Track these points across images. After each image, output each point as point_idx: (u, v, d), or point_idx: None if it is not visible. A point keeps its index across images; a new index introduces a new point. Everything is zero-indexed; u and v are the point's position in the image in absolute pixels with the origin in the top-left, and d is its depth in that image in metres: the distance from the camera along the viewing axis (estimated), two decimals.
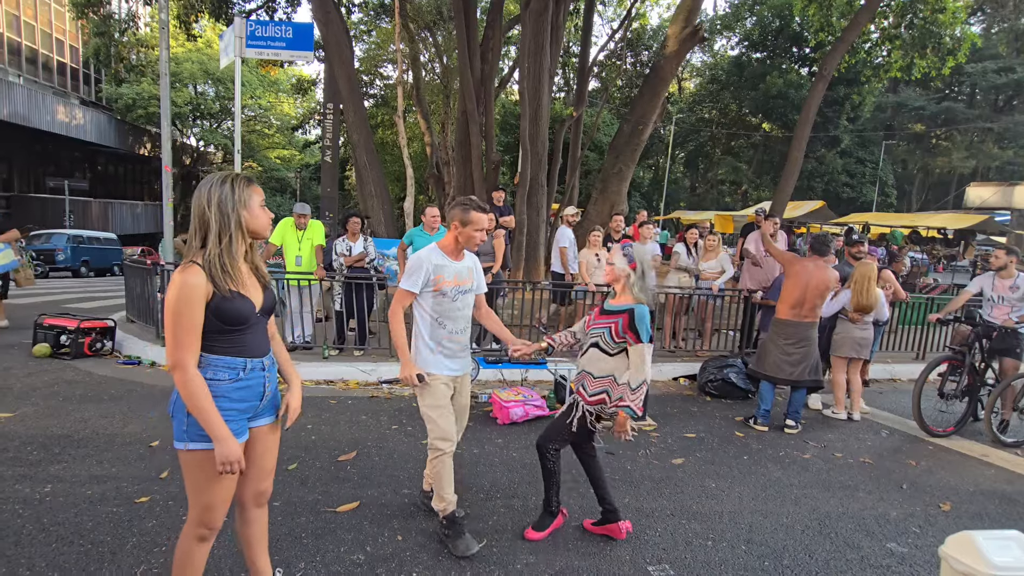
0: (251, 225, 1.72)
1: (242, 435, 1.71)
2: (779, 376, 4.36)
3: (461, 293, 2.54)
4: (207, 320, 1.63)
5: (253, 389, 1.74)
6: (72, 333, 5.51)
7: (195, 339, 1.61)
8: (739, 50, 30.20)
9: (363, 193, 9.54)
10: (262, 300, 1.75)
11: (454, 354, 2.57)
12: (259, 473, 1.86)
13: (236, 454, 1.62)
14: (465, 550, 2.41)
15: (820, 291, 4.29)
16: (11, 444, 3.37)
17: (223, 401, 1.66)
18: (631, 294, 2.52)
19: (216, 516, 1.72)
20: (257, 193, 1.74)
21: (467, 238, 2.51)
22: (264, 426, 1.82)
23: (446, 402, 2.53)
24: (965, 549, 1.69)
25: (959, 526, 2.97)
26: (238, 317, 1.66)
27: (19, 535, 2.43)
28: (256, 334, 1.74)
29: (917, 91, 30.10)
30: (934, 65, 11.81)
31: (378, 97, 23.08)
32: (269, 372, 1.80)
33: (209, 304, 1.61)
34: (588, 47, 12.19)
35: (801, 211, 16.59)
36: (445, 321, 2.52)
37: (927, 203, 31.17)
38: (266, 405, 1.81)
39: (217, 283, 1.61)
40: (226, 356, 1.68)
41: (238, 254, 1.69)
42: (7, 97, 19.72)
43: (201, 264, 1.61)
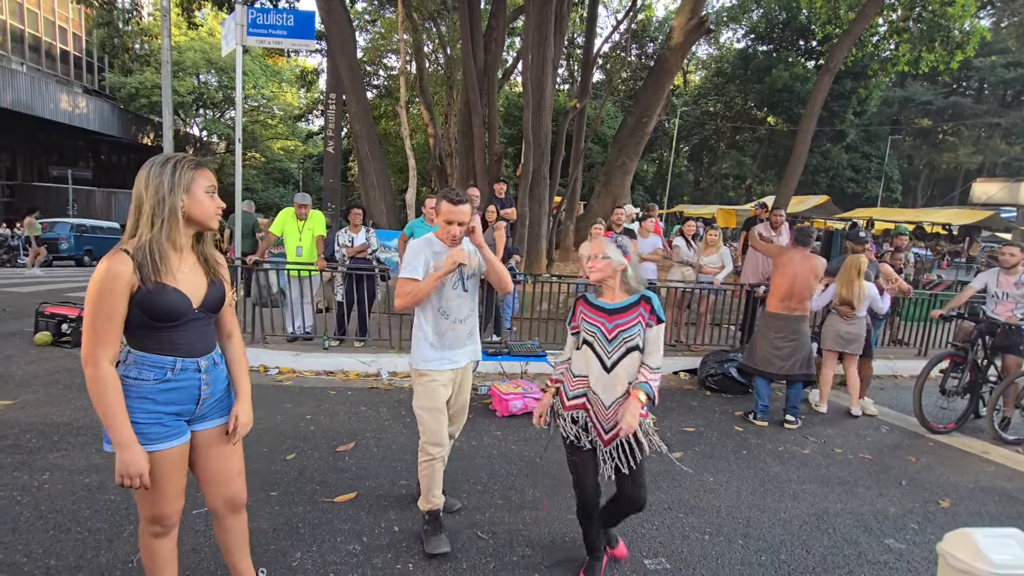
0: (192, 212, 1.56)
1: (176, 437, 1.59)
2: (769, 370, 4.34)
3: (464, 279, 2.45)
4: (132, 313, 1.49)
5: (185, 391, 1.59)
6: (73, 322, 5.53)
7: (111, 333, 1.47)
8: (745, 43, 29.93)
9: (365, 184, 9.51)
10: (203, 296, 1.59)
11: (458, 344, 2.47)
12: (219, 478, 1.72)
13: (137, 466, 1.47)
14: (434, 548, 2.35)
15: (808, 282, 4.27)
16: (10, 432, 3.38)
17: (146, 403, 1.53)
18: (628, 287, 2.18)
19: (163, 514, 1.62)
20: (204, 178, 1.58)
21: (440, 230, 2.37)
22: (214, 428, 1.69)
23: (441, 404, 2.44)
24: (964, 546, 1.67)
25: (958, 523, 2.96)
26: (166, 312, 1.51)
27: (17, 522, 2.44)
28: (191, 331, 1.58)
29: (924, 85, 29.82)
30: (942, 59, 11.67)
31: (381, 88, 22.97)
32: (208, 373, 1.64)
33: (134, 296, 1.47)
34: (592, 38, 12.08)
35: (805, 206, 16.49)
36: (448, 310, 2.42)
37: (932, 199, 30.97)
38: (211, 407, 1.67)
39: (143, 273, 1.47)
40: (152, 354, 1.54)
41: (175, 243, 1.55)
42: (10, 85, 19.71)
43: (130, 252, 1.48)
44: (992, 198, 15.96)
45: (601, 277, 2.18)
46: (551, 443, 2.41)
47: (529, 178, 8.56)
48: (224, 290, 1.67)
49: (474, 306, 2.53)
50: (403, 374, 5.25)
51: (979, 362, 4.51)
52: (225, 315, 1.74)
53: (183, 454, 1.63)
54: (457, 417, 2.61)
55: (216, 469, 1.72)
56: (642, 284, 2.24)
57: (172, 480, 1.60)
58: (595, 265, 2.17)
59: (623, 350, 2.12)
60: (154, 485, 1.56)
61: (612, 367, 2.13)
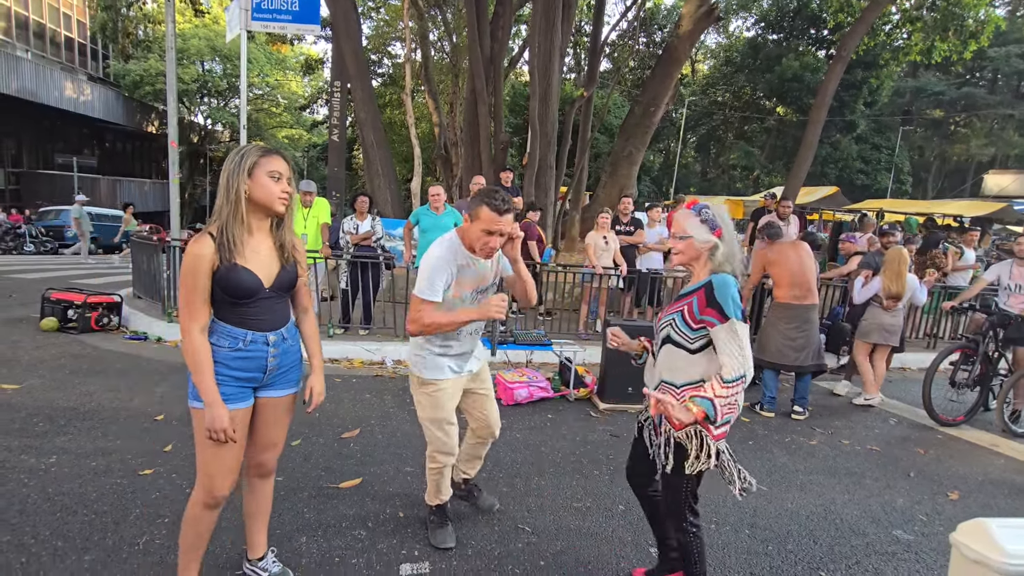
0: (254, 195, 1.66)
1: (241, 401, 1.74)
2: (783, 363, 4.27)
3: (481, 292, 2.19)
4: (213, 289, 1.65)
5: (254, 360, 1.74)
6: (79, 308, 5.54)
7: (199, 306, 1.63)
8: (755, 31, 29.53)
9: (370, 173, 9.47)
10: (275, 277, 1.72)
11: (466, 354, 2.27)
12: (261, 442, 1.87)
13: (221, 421, 1.63)
14: (441, 542, 2.32)
15: (810, 267, 4.25)
16: (18, 416, 3.39)
17: (221, 367, 1.69)
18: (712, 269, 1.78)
19: (218, 484, 1.74)
20: (269, 162, 1.67)
21: (473, 238, 2.03)
22: (272, 398, 1.83)
23: (450, 414, 2.25)
24: (978, 536, 1.64)
25: (967, 515, 2.92)
26: (238, 289, 1.65)
27: (24, 504, 2.45)
28: (262, 308, 1.72)
29: (937, 76, 29.35)
30: (956, 48, 11.47)
31: (386, 76, 22.84)
32: (276, 347, 1.77)
33: (214, 274, 1.63)
34: (600, 26, 11.92)
35: (814, 197, 16.31)
36: None
37: (943, 191, 30.59)
38: (275, 378, 1.81)
39: (221, 253, 1.62)
40: (228, 325, 1.70)
41: (247, 226, 1.68)
42: (15, 72, 19.69)
43: (213, 234, 1.64)
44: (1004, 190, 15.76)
45: (684, 261, 1.83)
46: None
47: (535, 167, 8.50)
48: (296, 273, 1.80)
49: None
50: (407, 362, 5.24)
51: (990, 354, 4.46)
52: (300, 293, 1.89)
53: (245, 417, 1.77)
54: (490, 416, 2.40)
55: (263, 435, 1.86)
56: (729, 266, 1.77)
57: (231, 445, 1.72)
58: (675, 247, 1.83)
59: (660, 339, 1.88)
60: (217, 444, 1.68)
61: (656, 357, 1.91)
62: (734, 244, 1.80)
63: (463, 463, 2.54)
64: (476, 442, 2.50)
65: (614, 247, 6.09)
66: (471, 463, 2.57)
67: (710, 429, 1.75)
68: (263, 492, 1.98)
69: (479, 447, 2.52)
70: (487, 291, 2.20)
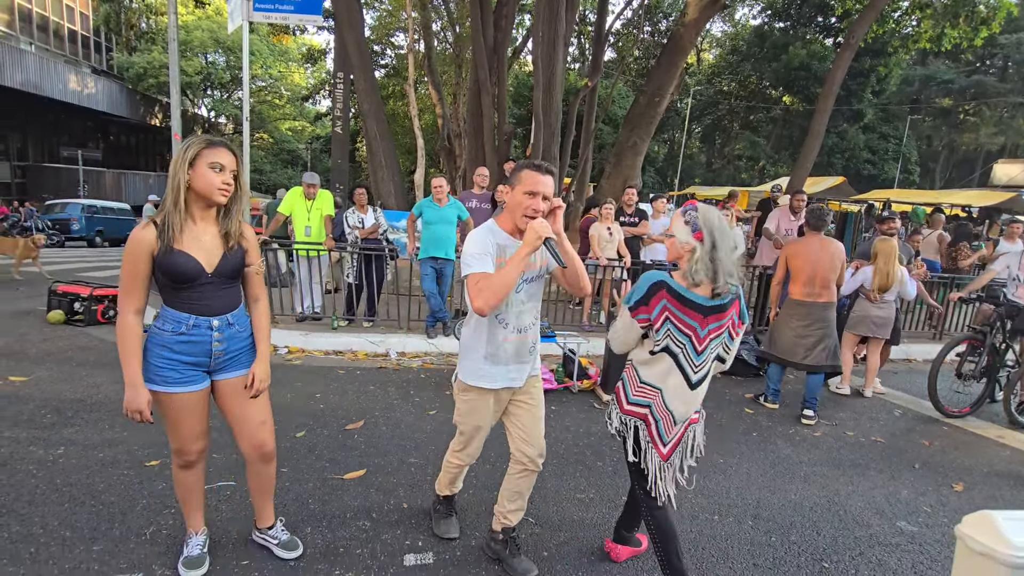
0: (194, 184, 1.73)
1: (190, 384, 1.82)
2: (792, 360, 4.07)
3: (527, 282, 1.98)
4: (156, 274, 1.74)
5: (198, 345, 1.81)
6: (85, 300, 5.57)
7: (135, 289, 1.72)
8: (761, 19, 29.16)
9: (373, 164, 9.44)
10: (217, 263, 1.78)
11: (518, 359, 2.03)
12: (243, 424, 1.94)
13: (135, 402, 1.73)
14: (444, 532, 2.33)
15: (832, 265, 3.99)
16: (26, 408, 3.42)
17: (165, 351, 1.78)
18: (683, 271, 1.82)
19: (185, 450, 1.89)
20: (212, 153, 1.72)
21: (514, 204, 1.90)
22: (233, 379, 1.91)
23: (485, 423, 2.09)
24: (984, 528, 1.63)
25: (972, 507, 2.93)
26: (175, 273, 1.72)
27: (33, 495, 2.47)
28: (204, 294, 1.79)
29: (946, 63, 28.95)
30: (966, 35, 11.29)
31: (389, 67, 22.72)
32: (221, 332, 1.83)
33: (155, 258, 1.71)
34: (604, 14, 11.80)
35: (820, 187, 16.18)
36: (507, 318, 1.98)
37: (951, 181, 30.27)
38: (226, 362, 1.88)
39: (161, 239, 1.70)
40: (172, 310, 1.78)
41: (190, 214, 1.76)
42: (19, 65, 19.71)
43: (156, 221, 1.73)
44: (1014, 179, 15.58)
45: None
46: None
47: (539, 158, 8.44)
48: (240, 260, 1.85)
49: (538, 314, 2.10)
50: (411, 354, 5.26)
51: (997, 346, 4.43)
52: (251, 282, 1.94)
53: (199, 399, 1.86)
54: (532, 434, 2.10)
55: (239, 416, 1.94)
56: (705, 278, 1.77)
57: (188, 421, 1.85)
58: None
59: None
60: (174, 423, 1.84)
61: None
62: (717, 250, 1.77)
63: (505, 501, 2.17)
64: (517, 471, 2.13)
65: (618, 238, 6.06)
66: (513, 503, 2.17)
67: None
68: (266, 473, 2.07)
69: (521, 479, 2.13)
70: (535, 280, 2.03)
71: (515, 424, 2.11)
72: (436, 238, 5.24)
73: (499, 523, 2.20)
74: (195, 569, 2.00)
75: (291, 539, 2.16)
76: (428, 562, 2.19)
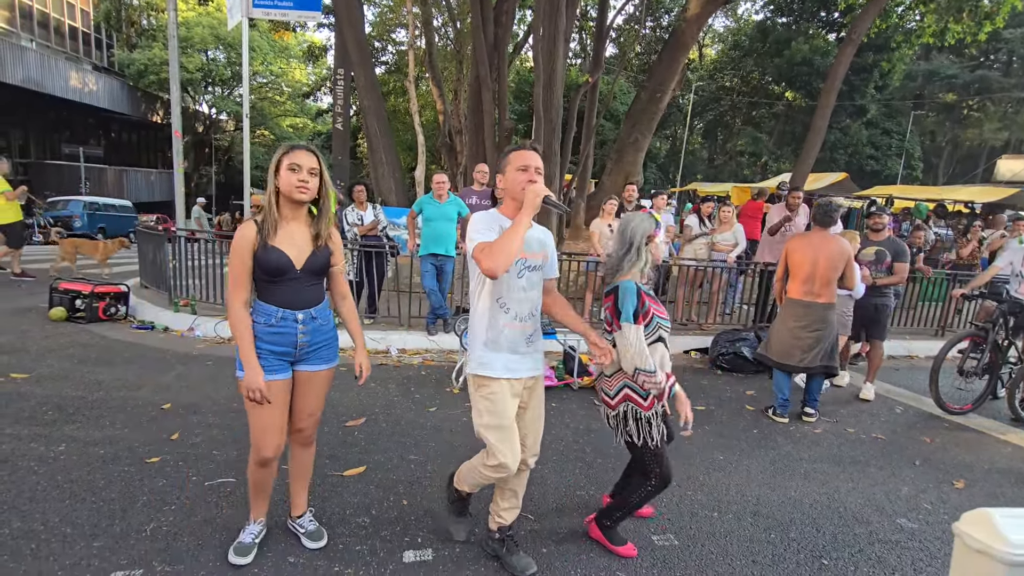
0: (280, 187, 1.91)
1: (276, 372, 1.95)
2: (788, 363, 3.91)
3: (528, 269, 2.03)
4: (254, 268, 1.90)
5: (285, 336, 1.95)
6: (87, 298, 5.58)
7: (242, 281, 1.90)
8: (764, 14, 28.95)
9: (374, 161, 9.43)
10: (305, 261, 1.94)
11: (521, 349, 2.04)
12: (299, 413, 2.10)
13: (255, 383, 1.86)
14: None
15: (832, 264, 3.79)
16: (27, 404, 3.44)
17: (259, 341, 1.92)
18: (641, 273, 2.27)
19: (260, 445, 1.99)
20: (290, 156, 1.89)
21: (510, 183, 1.98)
22: (307, 371, 2.05)
23: (510, 420, 2.00)
24: (981, 526, 1.63)
25: (973, 504, 2.91)
26: (270, 269, 1.89)
27: (34, 491, 2.48)
28: (293, 289, 1.94)
29: (950, 59, 28.77)
30: (970, 30, 11.20)
31: (390, 64, 22.65)
32: (306, 325, 1.97)
33: (255, 254, 1.88)
34: (606, 10, 11.73)
35: (823, 183, 16.12)
36: (508, 303, 2.00)
37: (954, 177, 30.12)
38: (308, 354, 2.02)
39: (260, 236, 1.88)
40: (263, 302, 1.95)
41: (282, 214, 1.93)
42: (21, 62, 19.69)
43: (257, 220, 1.91)
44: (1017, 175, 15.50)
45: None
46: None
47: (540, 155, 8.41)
48: (326, 259, 2.01)
49: (537, 307, 2.11)
50: (411, 351, 5.26)
51: (1000, 343, 4.41)
52: (336, 280, 2.13)
53: (282, 388, 1.98)
54: (529, 432, 2.12)
55: (300, 405, 2.08)
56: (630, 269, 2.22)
57: (272, 411, 1.96)
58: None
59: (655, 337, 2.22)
60: (259, 413, 1.94)
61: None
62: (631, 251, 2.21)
63: (500, 500, 2.20)
64: None
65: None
66: (507, 501, 2.19)
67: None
68: (304, 458, 2.22)
69: (514, 478, 2.14)
70: (536, 270, 2.06)
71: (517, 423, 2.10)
72: (436, 234, 5.24)
73: (495, 522, 2.22)
74: (243, 556, 2.08)
75: (317, 529, 2.26)
76: (427, 559, 2.20)
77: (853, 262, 3.87)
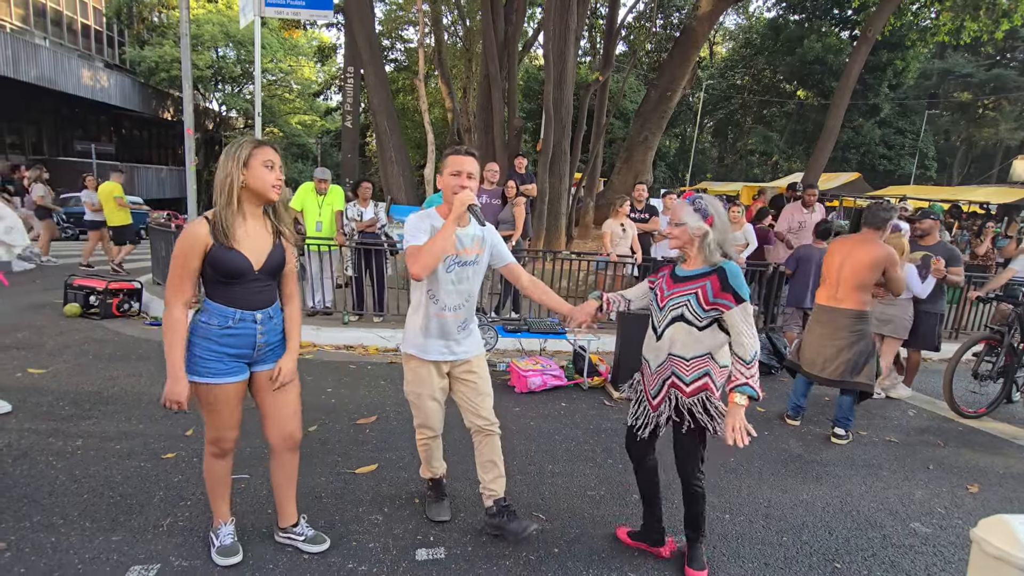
0: (249, 184, 1.81)
1: (233, 375, 1.90)
2: (811, 371, 3.71)
3: (459, 264, 2.15)
4: (205, 269, 1.80)
5: (243, 338, 1.88)
6: (101, 294, 5.65)
7: (185, 283, 1.79)
8: (776, 12, 28.69)
9: (383, 159, 9.45)
10: (264, 261, 1.86)
11: (446, 335, 2.20)
12: (275, 414, 2.03)
13: (175, 394, 1.78)
14: (435, 516, 2.44)
15: (859, 268, 3.50)
16: (44, 399, 3.49)
17: (211, 343, 1.84)
18: (708, 257, 2.01)
19: (219, 439, 1.96)
20: (263, 153, 1.81)
21: (445, 187, 2.11)
22: (268, 371, 1.99)
23: (429, 391, 2.23)
24: (1000, 533, 1.62)
25: (987, 509, 2.90)
26: (228, 270, 1.80)
27: (53, 485, 2.52)
28: (251, 289, 1.87)
29: (966, 57, 28.36)
30: (986, 28, 11.05)
31: (399, 61, 22.69)
32: (264, 325, 1.92)
33: (207, 254, 1.78)
34: (616, 8, 11.69)
35: (835, 183, 15.99)
36: (436, 294, 2.15)
37: (969, 177, 29.76)
38: (266, 354, 1.97)
39: (216, 236, 1.77)
40: (219, 304, 1.84)
41: (242, 212, 1.83)
42: (34, 60, 19.89)
43: (209, 218, 1.79)
44: None
45: (678, 245, 2.09)
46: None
47: (549, 153, 8.41)
48: (284, 257, 1.94)
49: (471, 297, 2.24)
50: None
51: (1015, 346, 4.36)
52: (287, 279, 2.03)
53: (238, 390, 1.93)
54: (479, 406, 2.27)
55: (272, 406, 2.02)
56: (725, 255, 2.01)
57: (227, 409, 1.92)
58: (672, 232, 2.07)
59: (670, 318, 2.07)
60: (213, 412, 1.91)
61: (661, 334, 2.10)
62: (726, 231, 2.02)
63: (483, 473, 2.31)
64: (477, 440, 2.29)
65: (631, 234, 6.03)
66: (489, 472, 2.29)
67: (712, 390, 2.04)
68: (292, 464, 2.14)
69: (483, 447, 2.28)
70: (468, 266, 2.18)
71: (461, 399, 2.30)
72: None
73: (488, 498, 2.32)
74: (231, 556, 2.06)
75: (317, 534, 2.21)
76: (440, 557, 2.21)
77: (895, 269, 3.56)
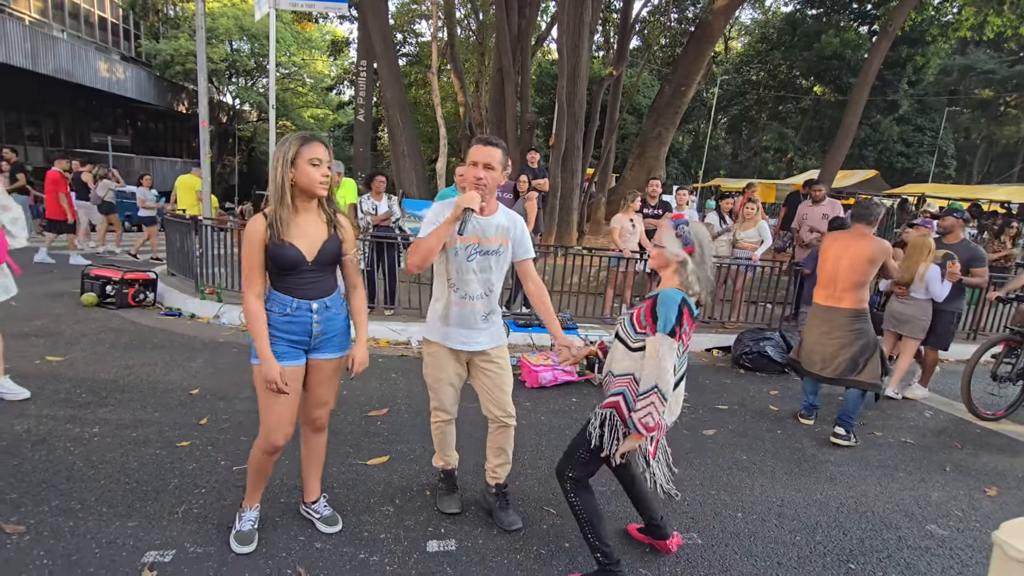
0: (297, 181, 1.90)
1: (292, 359, 1.98)
2: (810, 370, 3.70)
3: (480, 253, 2.15)
4: (267, 261, 1.91)
5: (300, 325, 1.98)
6: (117, 284, 5.72)
7: (255, 275, 1.91)
8: (793, 6, 28.24)
9: (395, 152, 9.46)
10: (317, 253, 1.95)
11: (466, 324, 2.20)
12: (313, 399, 2.13)
13: (271, 374, 1.88)
14: (445, 507, 2.45)
15: (857, 264, 3.46)
16: (62, 387, 3.54)
17: (273, 329, 1.95)
18: (687, 285, 1.92)
19: (273, 436, 2.01)
20: (310, 150, 1.88)
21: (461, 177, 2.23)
22: (320, 360, 2.07)
23: (448, 376, 2.28)
24: (1023, 536, 1.59)
25: (1005, 512, 2.85)
26: (283, 262, 1.91)
27: (71, 471, 2.56)
28: (306, 280, 1.96)
29: (988, 53, 27.71)
30: (1010, 23, 10.79)
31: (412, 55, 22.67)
32: (319, 314, 2.00)
33: (266, 248, 1.89)
34: (631, 1, 11.57)
35: (852, 180, 15.74)
36: (457, 283, 2.17)
37: (989, 175, 29.16)
38: (322, 343, 2.05)
39: (271, 232, 1.88)
40: (278, 293, 1.97)
41: (291, 207, 1.91)
42: (52, 52, 20.13)
43: (266, 215, 1.91)
44: None
45: (655, 266, 2.04)
46: None
47: (562, 148, 8.36)
48: (338, 249, 2.02)
49: (493, 287, 2.23)
50: None
51: None
52: (348, 270, 2.12)
53: (295, 374, 2.00)
54: (498, 397, 2.31)
55: (314, 393, 2.12)
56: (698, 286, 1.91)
57: (284, 399, 1.97)
58: (651, 251, 2.05)
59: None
60: (271, 402, 1.96)
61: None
62: (704, 264, 1.94)
63: (492, 456, 2.40)
64: (492, 428, 2.37)
65: (640, 230, 5.99)
66: (497, 458, 2.39)
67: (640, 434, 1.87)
68: (317, 443, 2.26)
69: (497, 435, 2.36)
70: (490, 255, 2.19)
71: (481, 388, 2.33)
72: None
73: (490, 479, 2.44)
74: (246, 545, 2.10)
75: (332, 515, 2.30)
76: (451, 548, 2.21)
77: (892, 261, 3.59)
